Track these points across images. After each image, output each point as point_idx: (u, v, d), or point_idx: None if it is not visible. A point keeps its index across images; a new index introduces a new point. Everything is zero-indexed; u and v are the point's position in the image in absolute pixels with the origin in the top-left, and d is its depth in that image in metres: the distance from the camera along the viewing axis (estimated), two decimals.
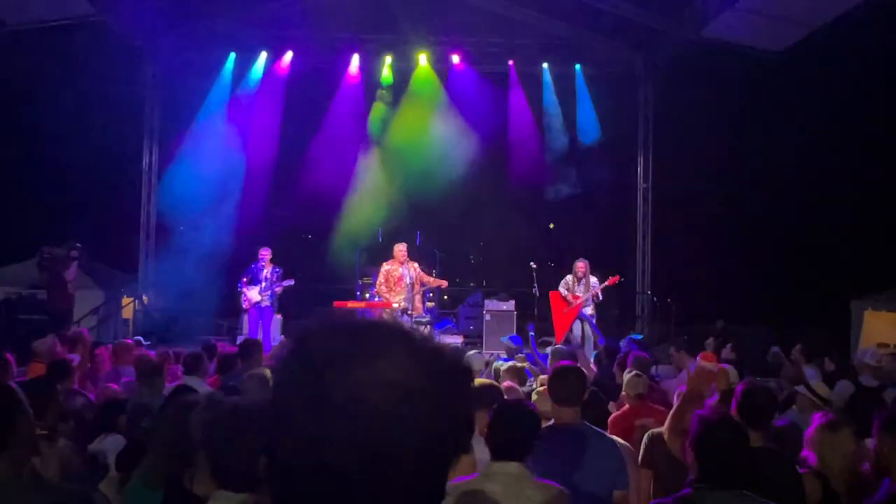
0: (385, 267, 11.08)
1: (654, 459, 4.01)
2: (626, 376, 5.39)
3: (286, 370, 0.94)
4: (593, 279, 11.37)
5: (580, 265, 11.40)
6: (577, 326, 11.37)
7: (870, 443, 3.76)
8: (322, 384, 0.89)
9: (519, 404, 3.22)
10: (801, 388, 5.18)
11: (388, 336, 0.94)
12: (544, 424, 3.87)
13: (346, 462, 0.87)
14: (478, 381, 4.71)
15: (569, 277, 11.50)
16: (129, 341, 8.60)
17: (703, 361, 4.74)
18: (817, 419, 3.94)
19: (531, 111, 15.65)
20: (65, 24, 12.29)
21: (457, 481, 2.95)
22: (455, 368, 0.96)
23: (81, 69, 12.83)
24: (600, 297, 11.46)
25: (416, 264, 11.12)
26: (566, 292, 11.42)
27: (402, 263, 10.96)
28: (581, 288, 11.32)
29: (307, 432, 0.88)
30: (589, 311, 11.35)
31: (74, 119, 12.97)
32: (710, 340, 8.61)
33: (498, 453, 2.98)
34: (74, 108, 12.98)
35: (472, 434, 1.00)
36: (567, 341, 11.05)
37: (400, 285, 10.83)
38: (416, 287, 10.95)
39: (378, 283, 11.13)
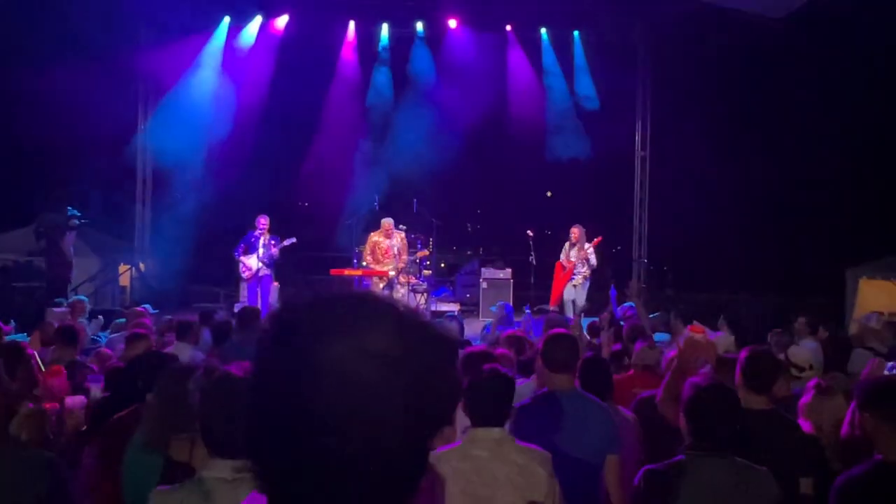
0: (373, 238, 11.15)
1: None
2: (640, 347, 5.45)
3: (270, 340, 0.93)
4: (588, 246, 11.35)
5: (574, 230, 11.43)
6: (568, 292, 11.39)
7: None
8: (306, 354, 0.89)
9: (492, 371, 3.23)
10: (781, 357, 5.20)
11: (373, 307, 0.94)
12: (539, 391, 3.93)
13: (328, 432, 0.87)
14: (472, 348, 4.75)
15: (566, 244, 11.53)
16: (141, 309, 8.63)
17: (693, 332, 4.76)
18: (810, 386, 3.98)
19: (529, 78, 15.52)
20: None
21: (441, 450, 3.00)
22: (440, 340, 0.95)
23: (73, 34, 12.67)
24: (592, 262, 11.38)
25: (402, 234, 11.18)
26: (564, 258, 11.47)
27: (388, 237, 11.03)
28: (574, 253, 11.35)
29: (290, 403, 0.88)
30: (579, 277, 11.31)
31: (69, 84, 12.82)
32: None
33: (478, 420, 3.02)
34: (68, 74, 12.82)
35: (456, 405, 1.01)
36: (562, 308, 11.09)
37: (388, 255, 10.93)
38: (402, 257, 11.02)
39: (365, 253, 11.17)
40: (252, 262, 11.20)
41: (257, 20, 14.91)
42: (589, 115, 15.19)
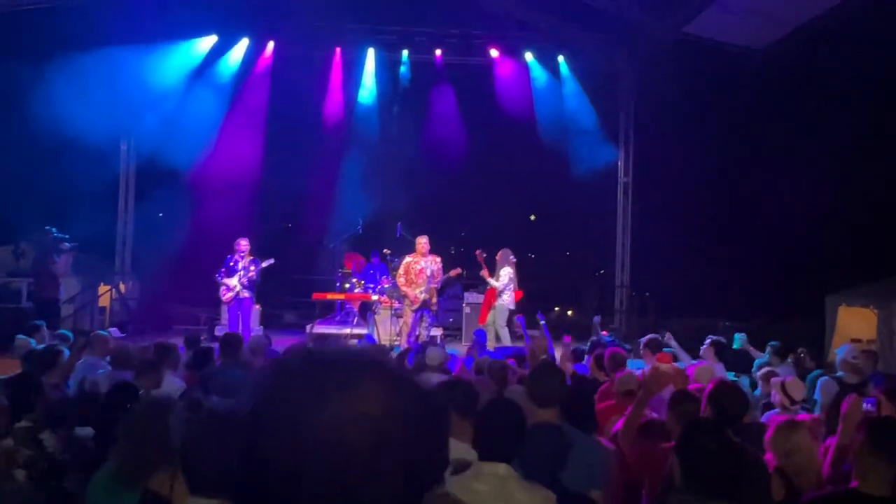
0: (406, 259, 10.97)
1: None
2: (619, 374, 5.46)
3: (262, 400, 0.93)
4: (507, 269, 11.34)
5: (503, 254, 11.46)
6: (490, 314, 11.41)
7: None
8: (297, 417, 0.89)
9: (506, 403, 3.18)
10: (775, 387, 5.17)
11: (365, 369, 0.94)
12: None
13: (319, 488, 0.87)
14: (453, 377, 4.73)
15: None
16: (109, 331, 8.52)
17: (659, 363, 4.79)
18: (775, 420, 4.00)
19: (513, 103, 15.59)
20: (39, 8, 12.08)
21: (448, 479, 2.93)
22: (431, 403, 0.96)
23: (57, 52, 12.62)
24: (492, 284, 11.37)
25: (438, 258, 11.03)
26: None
27: (423, 256, 10.87)
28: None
29: (282, 464, 0.88)
30: (505, 297, 11.28)
31: (50, 104, 12.75)
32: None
33: (485, 454, 2.92)
34: (51, 92, 12.77)
35: (446, 468, 1.00)
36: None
37: (421, 277, 10.74)
38: (435, 282, 10.88)
39: (398, 274, 11.03)
40: (232, 283, 11.11)
41: (244, 43, 14.93)
42: (573, 140, 15.28)
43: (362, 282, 13.09)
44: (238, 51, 14.98)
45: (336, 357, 0.96)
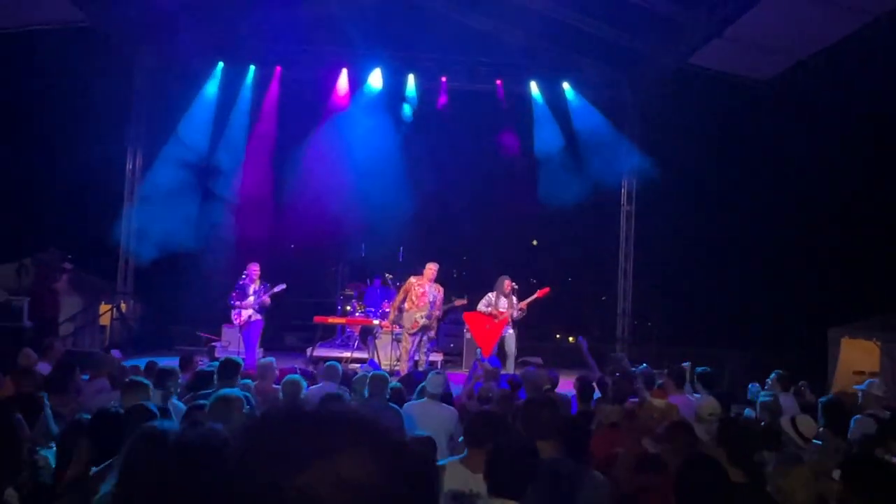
0: (411, 280, 11.02)
1: None
2: (603, 405, 5.41)
3: (241, 458, 0.88)
4: (521, 303, 11.32)
5: (508, 282, 11.35)
6: (503, 342, 11.34)
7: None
8: (275, 479, 0.84)
9: (519, 440, 3.15)
10: (785, 425, 5.05)
11: (349, 429, 0.89)
12: None
13: None
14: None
15: (491, 295, 11.35)
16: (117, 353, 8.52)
17: (653, 398, 4.76)
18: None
19: (518, 129, 15.66)
20: (52, 29, 12.20)
21: None
22: (419, 467, 0.91)
23: (67, 74, 12.73)
24: (523, 314, 11.39)
25: (441, 288, 11.06)
26: (487, 308, 11.30)
27: (429, 282, 10.88)
28: (504, 303, 11.25)
29: None
30: (508, 328, 11.29)
31: (58, 124, 12.84)
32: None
33: (497, 490, 2.92)
34: (58, 114, 12.85)
35: None
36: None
37: (422, 301, 10.76)
38: (437, 310, 10.88)
39: (399, 295, 11.06)
40: (246, 310, 11.19)
41: (251, 70, 15.05)
42: (577, 167, 15.26)
43: (363, 305, 13.06)
44: (246, 77, 15.10)
45: (321, 415, 0.91)
